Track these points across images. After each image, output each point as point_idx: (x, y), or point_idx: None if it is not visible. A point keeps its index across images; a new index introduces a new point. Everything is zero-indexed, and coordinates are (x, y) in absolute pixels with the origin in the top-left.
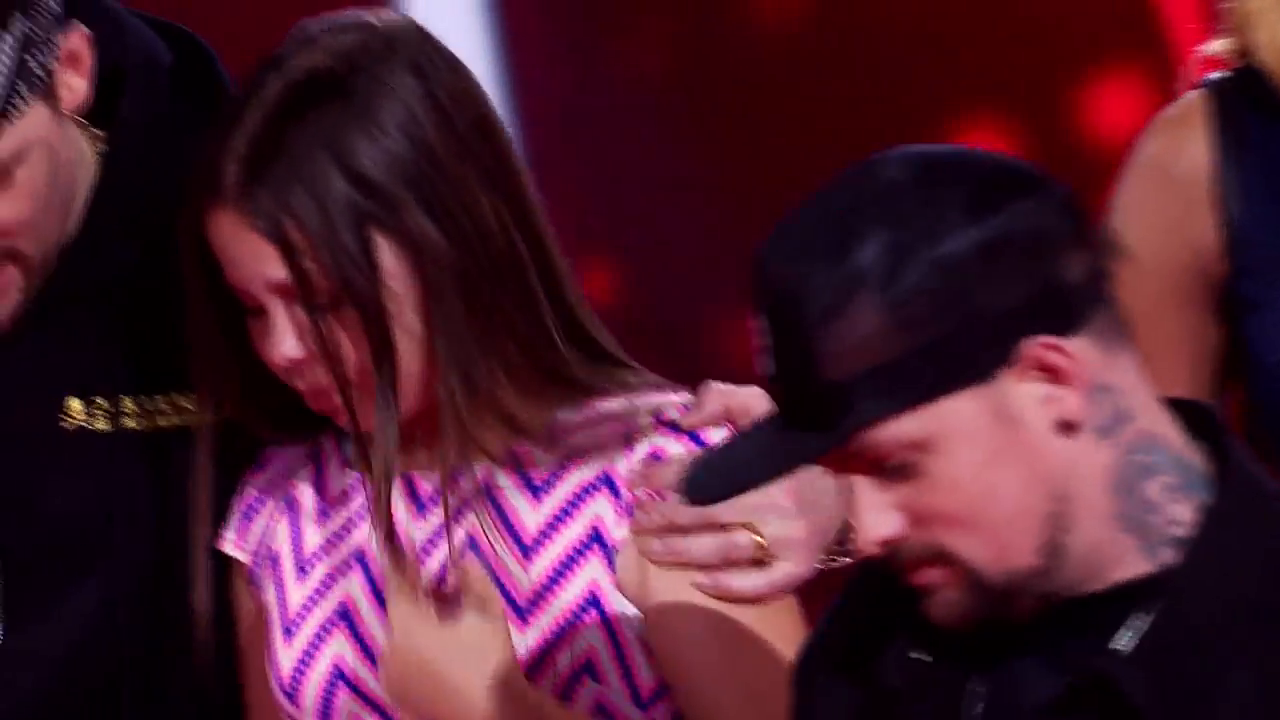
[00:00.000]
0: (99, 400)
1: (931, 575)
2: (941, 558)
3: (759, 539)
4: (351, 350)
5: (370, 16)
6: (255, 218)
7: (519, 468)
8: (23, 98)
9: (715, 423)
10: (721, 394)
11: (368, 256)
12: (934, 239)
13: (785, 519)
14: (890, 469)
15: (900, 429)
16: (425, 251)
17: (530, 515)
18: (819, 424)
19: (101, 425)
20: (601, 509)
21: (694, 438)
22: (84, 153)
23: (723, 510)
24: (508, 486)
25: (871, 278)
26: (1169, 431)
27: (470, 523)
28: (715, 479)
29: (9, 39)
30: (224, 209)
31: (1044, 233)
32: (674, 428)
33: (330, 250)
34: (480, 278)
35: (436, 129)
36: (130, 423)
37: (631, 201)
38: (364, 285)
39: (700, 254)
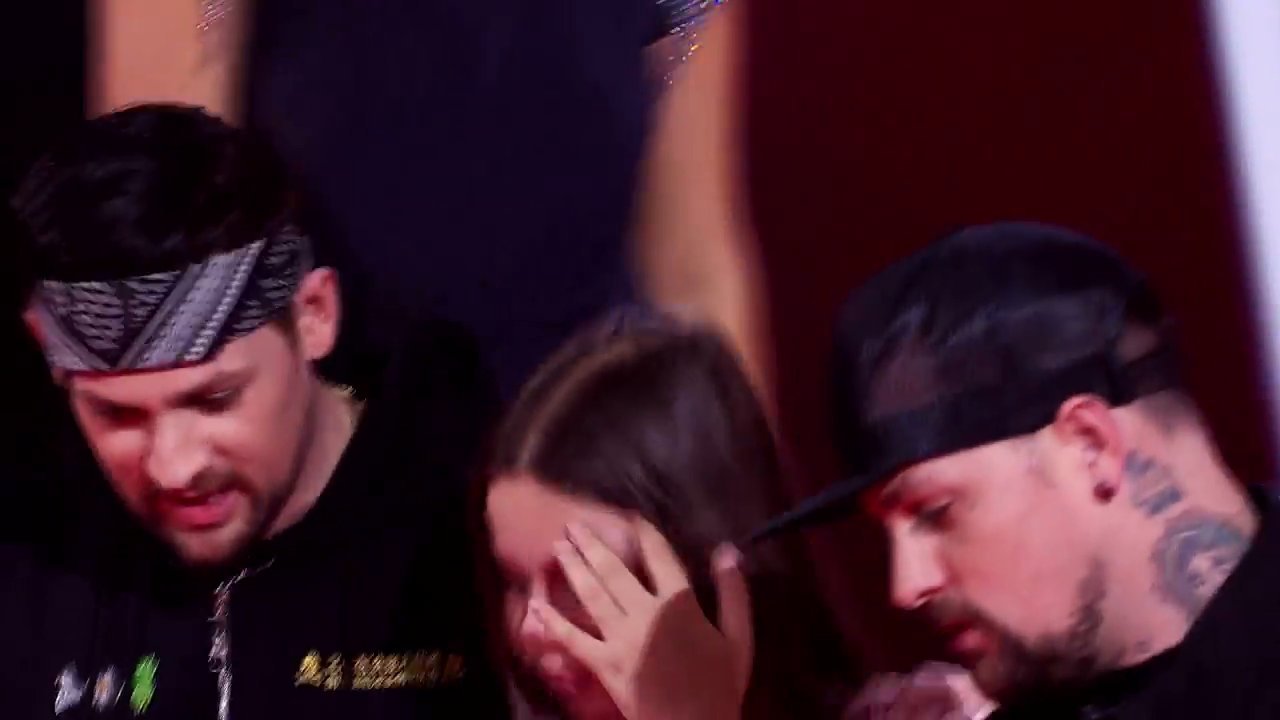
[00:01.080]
0: (333, 659)
1: (971, 640)
2: (976, 619)
3: None
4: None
5: (679, 318)
6: (555, 492)
7: None
8: (254, 318)
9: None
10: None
11: None
12: (991, 304)
13: None
14: (928, 516)
15: (939, 472)
16: (705, 550)
17: None
18: (864, 466)
19: (333, 684)
20: None
21: None
22: (339, 416)
23: None
24: None
25: (922, 327)
26: (1227, 509)
27: None
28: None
29: (246, 260)
30: (519, 479)
31: (1104, 313)
32: None
33: None
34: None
35: (724, 430)
36: (361, 682)
37: None
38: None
39: None
